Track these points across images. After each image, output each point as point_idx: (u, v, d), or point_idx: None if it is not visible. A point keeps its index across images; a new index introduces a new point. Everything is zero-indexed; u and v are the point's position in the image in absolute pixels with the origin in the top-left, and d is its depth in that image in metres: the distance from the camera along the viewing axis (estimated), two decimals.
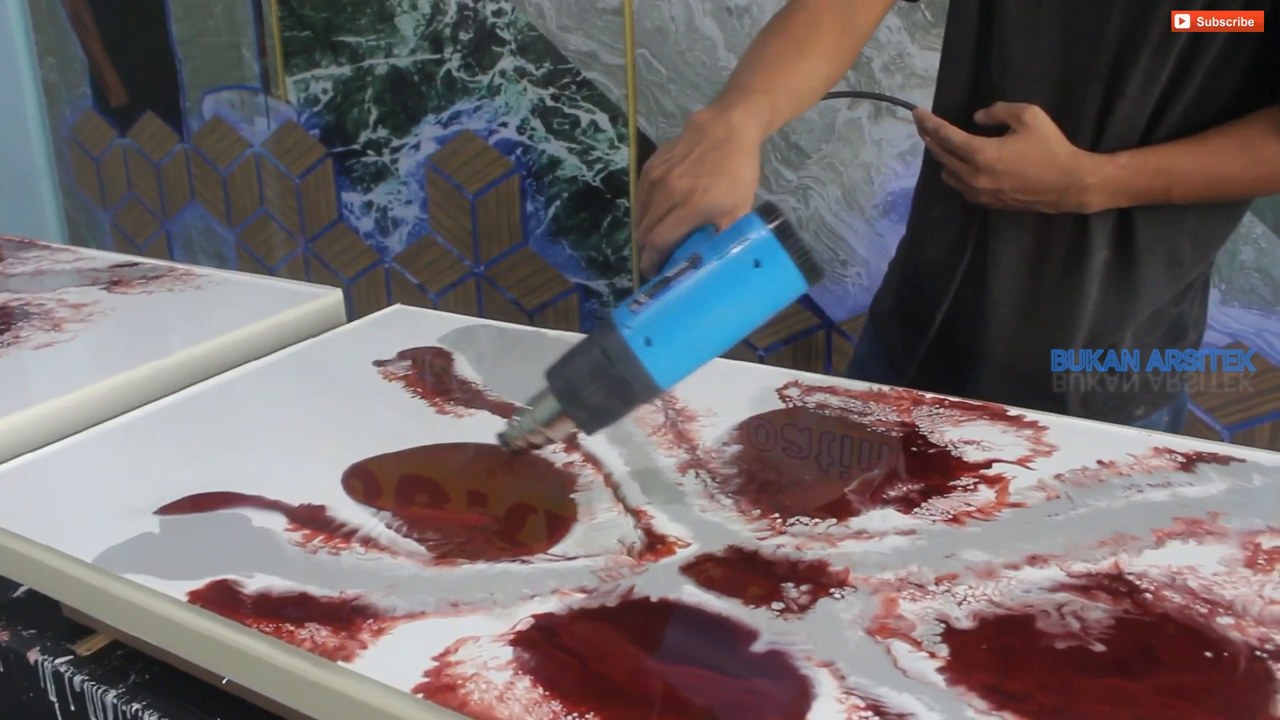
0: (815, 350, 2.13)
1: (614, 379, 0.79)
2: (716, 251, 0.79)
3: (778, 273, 0.78)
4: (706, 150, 0.92)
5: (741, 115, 0.97)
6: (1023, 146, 1.10)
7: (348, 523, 0.81)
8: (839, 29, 1.13)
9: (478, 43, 2.42)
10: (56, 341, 1.23)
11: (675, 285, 0.79)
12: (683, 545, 0.78)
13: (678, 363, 0.80)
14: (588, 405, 0.81)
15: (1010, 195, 1.12)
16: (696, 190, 0.88)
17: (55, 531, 0.81)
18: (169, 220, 3.16)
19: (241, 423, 1.01)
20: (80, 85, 3.23)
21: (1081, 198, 1.10)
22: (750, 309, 0.79)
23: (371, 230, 2.72)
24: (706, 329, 0.79)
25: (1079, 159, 1.09)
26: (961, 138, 1.13)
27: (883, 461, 0.91)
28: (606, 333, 0.79)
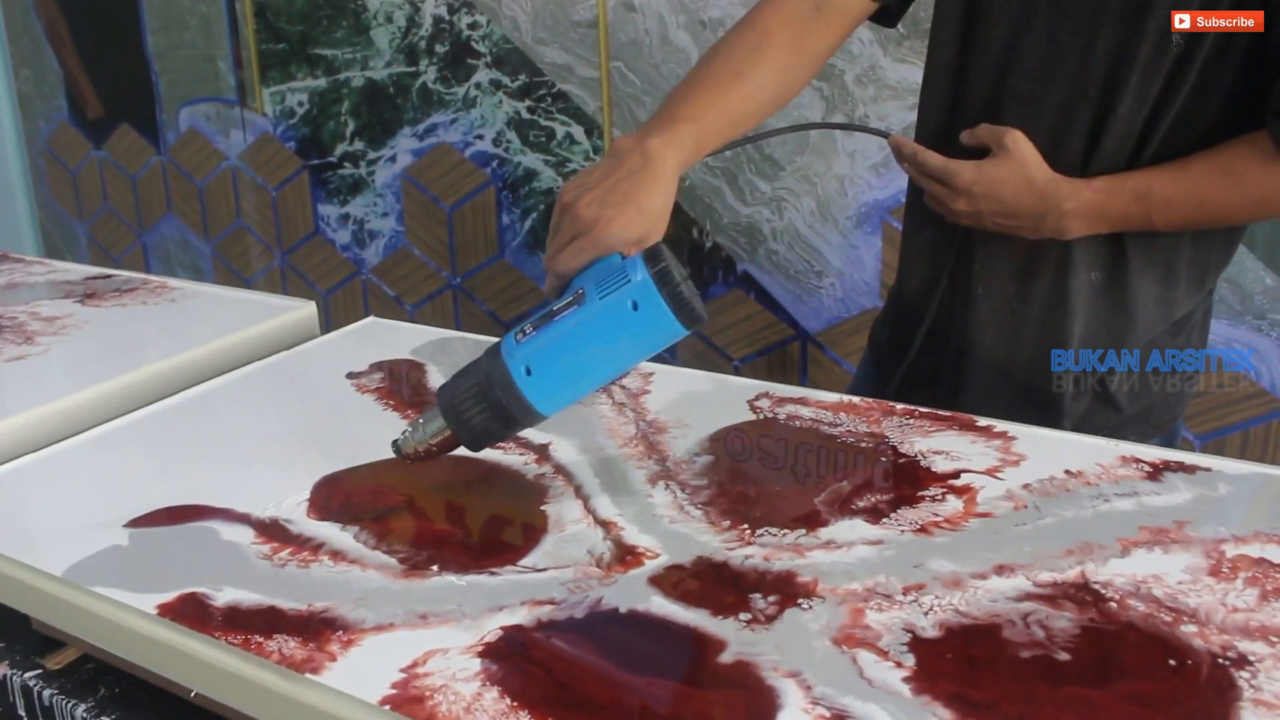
0: (791, 362, 2.14)
1: (495, 404, 0.83)
2: (600, 290, 0.82)
3: (654, 316, 0.80)
4: (619, 179, 0.93)
5: (660, 144, 0.96)
6: (1000, 170, 1.09)
7: (316, 535, 0.81)
8: (787, 50, 1.12)
9: (453, 55, 2.42)
10: (29, 354, 1.22)
11: (559, 320, 0.83)
12: (652, 556, 0.78)
13: (556, 393, 0.83)
14: (471, 426, 0.84)
15: (989, 219, 1.11)
16: (600, 220, 0.88)
17: (25, 544, 0.81)
18: (145, 232, 3.15)
19: (214, 435, 1.01)
20: (56, 97, 3.22)
21: (1060, 223, 1.09)
22: (628, 348, 0.82)
23: (348, 242, 2.71)
24: (584, 364, 0.83)
25: (1056, 184, 1.08)
26: (939, 162, 1.12)
27: (852, 472, 0.92)
28: (493, 359, 0.84)
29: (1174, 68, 1.05)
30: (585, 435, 0.98)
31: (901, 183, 1.96)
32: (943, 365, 1.24)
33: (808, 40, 1.14)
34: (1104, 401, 1.18)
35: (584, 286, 0.84)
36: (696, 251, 2.19)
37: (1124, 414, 1.18)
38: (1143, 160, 1.09)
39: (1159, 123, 1.07)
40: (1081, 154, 1.10)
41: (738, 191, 2.11)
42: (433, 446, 0.87)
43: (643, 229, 0.90)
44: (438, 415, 0.86)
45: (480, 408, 0.83)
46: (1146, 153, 1.08)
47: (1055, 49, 1.09)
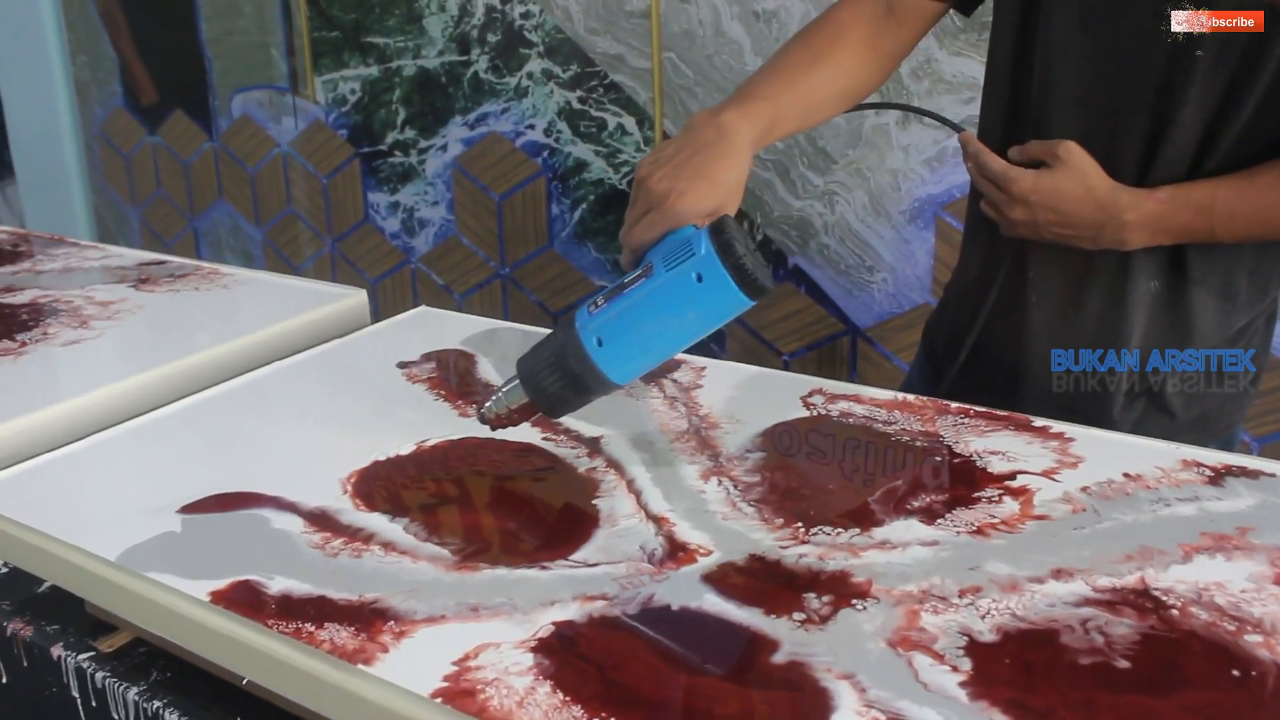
0: (840, 357, 2.12)
1: (570, 373, 0.86)
2: (667, 263, 0.84)
3: (718, 288, 0.82)
4: (693, 153, 0.94)
5: (735, 118, 0.98)
6: (1059, 180, 1.07)
7: (366, 526, 0.81)
8: (863, 44, 1.12)
9: (505, 45, 2.42)
10: (84, 339, 1.23)
11: (628, 293, 0.86)
12: (704, 553, 0.77)
13: (627, 363, 0.87)
14: (548, 394, 0.88)
15: (1046, 229, 1.09)
16: (672, 194, 0.90)
17: (79, 529, 0.81)
18: (197, 218, 3.18)
19: (265, 423, 1.02)
20: (111, 83, 3.25)
21: (1120, 234, 1.07)
22: (695, 319, 0.85)
23: (398, 231, 2.72)
24: (653, 335, 0.86)
25: (1117, 194, 1.06)
26: (999, 166, 1.10)
27: (907, 471, 0.91)
28: (567, 331, 0.87)
29: (1237, 78, 1.02)
30: (637, 429, 0.98)
31: (955, 178, 1.94)
32: (996, 373, 1.22)
33: (881, 39, 1.14)
34: (1158, 408, 1.16)
35: (653, 259, 0.86)
36: None
37: (1178, 420, 1.16)
38: (1206, 170, 1.06)
39: (1223, 133, 1.04)
40: (1139, 162, 1.07)
41: (789, 184, 2.09)
42: (514, 414, 0.91)
43: (715, 202, 0.91)
44: (518, 385, 0.89)
45: (556, 377, 0.87)
46: (1210, 162, 1.06)
47: (1111, 52, 1.06)
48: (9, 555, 0.85)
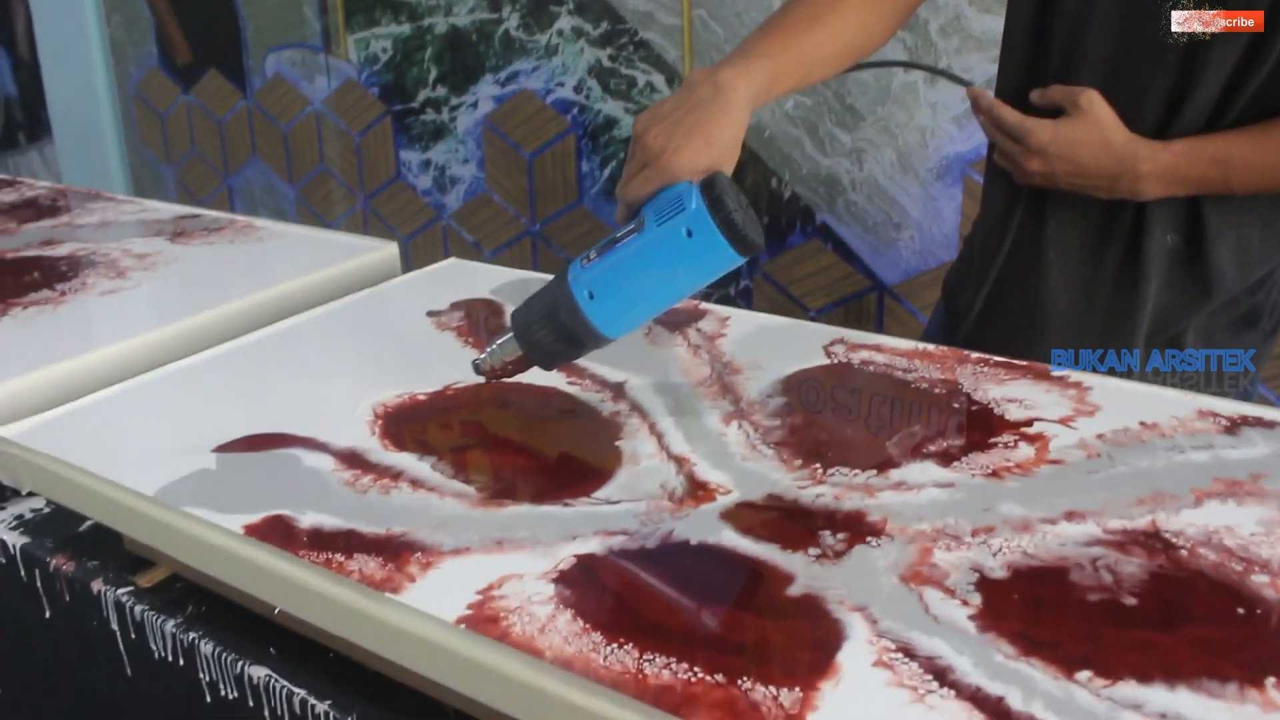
0: (867, 313, 2.13)
1: (561, 326, 0.86)
2: (658, 218, 0.85)
3: (708, 243, 0.83)
4: (689, 110, 0.93)
5: (733, 76, 0.97)
6: (1077, 131, 1.08)
7: (395, 464, 0.83)
8: (867, 2, 1.12)
9: (536, 3, 2.42)
10: (121, 289, 1.26)
11: (619, 247, 0.86)
12: (724, 492, 0.79)
13: (618, 316, 0.87)
14: (540, 346, 0.88)
15: (1063, 179, 1.10)
16: (667, 150, 0.89)
17: (118, 467, 0.83)
18: (231, 176, 3.20)
19: (296, 368, 1.04)
20: (146, 43, 3.27)
21: (1135, 185, 1.08)
22: (685, 274, 0.85)
23: (429, 188, 2.74)
24: (644, 289, 0.86)
25: (1135, 146, 1.07)
26: (1015, 119, 1.11)
27: (924, 417, 0.92)
28: (560, 283, 0.87)
29: (1258, 37, 1.02)
30: (660, 375, 1.00)
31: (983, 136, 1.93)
32: (1014, 328, 1.23)
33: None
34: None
35: (645, 215, 0.86)
36: (775, 201, 2.18)
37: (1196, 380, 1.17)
38: (1223, 124, 1.07)
39: (1241, 89, 1.05)
40: (1159, 120, 1.08)
41: (817, 142, 2.09)
42: (509, 366, 0.91)
43: (710, 159, 0.91)
44: (511, 337, 0.90)
45: (549, 330, 0.87)
46: (1227, 118, 1.07)
47: (1134, 12, 1.07)
48: (52, 493, 0.88)
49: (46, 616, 0.92)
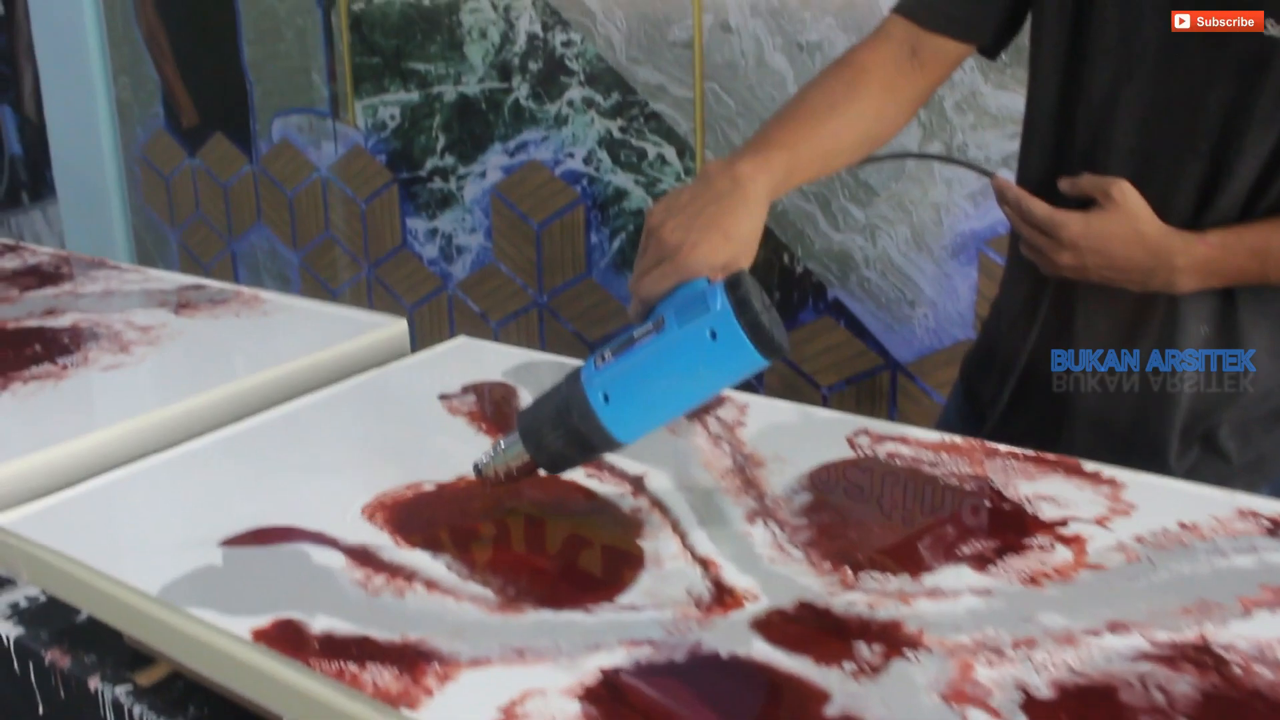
0: (879, 392, 2.10)
1: (573, 430, 0.82)
2: (679, 318, 0.81)
3: (733, 345, 0.79)
4: (706, 203, 0.91)
5: (751, 169, 0.95)
6: (1109, 224, 1.05)
7: (408, 564, 0.80)
8: (883, 89, 1.11)
9: (546, 73, 2.42)
10: (124, 364, 1.23)
11: (638, 347, 0.82)
12: (752, 599, 0.76)
13: (634, 421, 0.83)
14: (549, 451, 0.84)
15: (1095, 272, 1.07)
16: (685, 245, 0.87)
17: (120, 560, 0.80)
18: (235, 241, 3.19)
19: (304, 454, 1.01)
20: (153, 105, 3.28)
21: (1170, 278, 1.05)
22: (707, 377, 0.81)
23: (435, 257, 2.72)
24: (663, 392, 0.82)
25: (1169, 238, 1.04)
26: (1044, 212, 1.07)
27: (956, 516, 0.89)
28: (572, 385, 0.83)
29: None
30: (681, 467, 0.97)
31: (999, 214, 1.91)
32: (1041, 421, 1.20)
33: (902, 83, 1.13)
34: (1212, 452, 1.13)
35: (664, 313, 0.83)
36: (787, 277, 2.17)
37: (1233, 464, 1.13)
38: (1258, 212, 1.04)
39: (1277, 175, 1.02)
40: (1192, 210, 1.05)
41: (830, 217, 2.08)
42: (513, 469, 0.87)
43: (729, 255, 0.89)
44: (518, 439, 0.86)
45: (559, 434, 0.83)
46: (1263, 205, 1.04)
47: (1163, 100, 1.04)
48: (48, 585, 0.85)
49: (40, 713, 0.88)
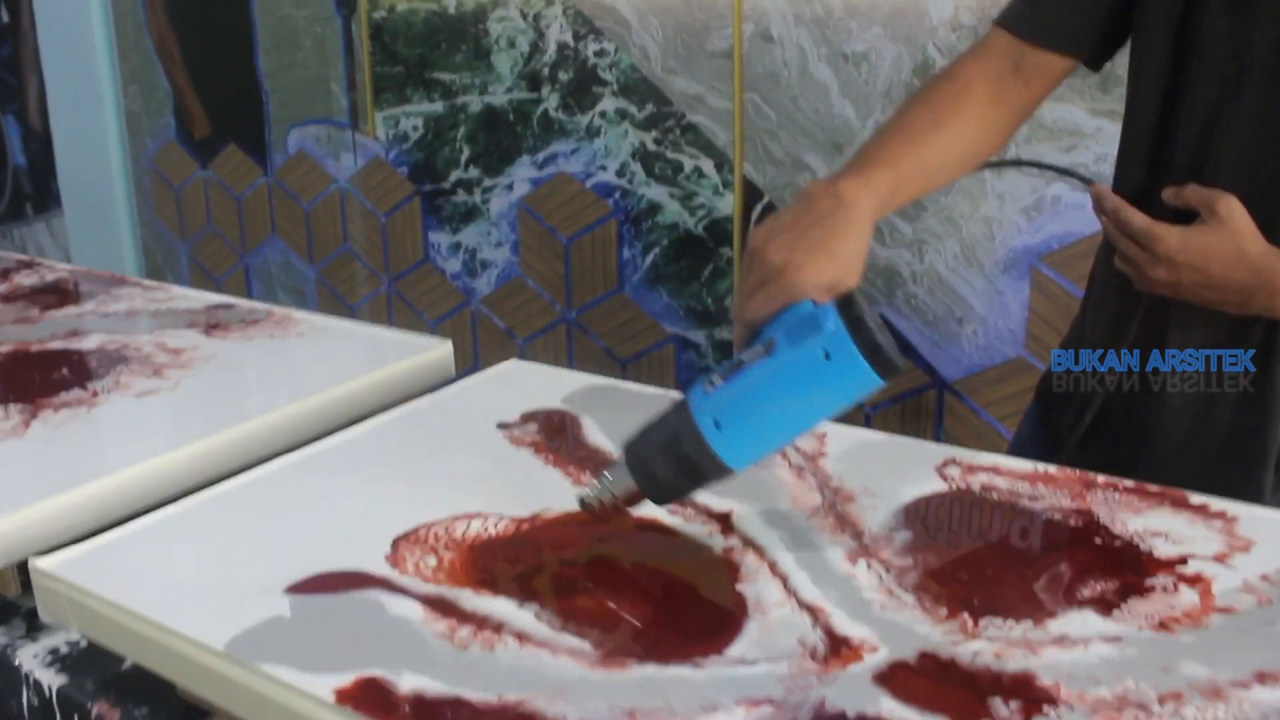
0: (925, 411, 2.05)
1: (683, 459, 0.80)
2: (790, 340, 0.80)
3: (848, 367, 0.77)
4: (810, 224, 0.89)
5: (854, 188, 0.93)
6: (1210, 239, 0.99)
7: (493, 614, 0.74)
8: (988, 102, 1.08)
9: (577, 83, 2.37)
10: (160, 389, 1.18)
11: (747, 371, 0.80)
12: (870, 650, 0.70)
13: (746, 446, 0.80)
14: (658, 480, 0.82)
15: (1190, 290, 1.01)
16: (790, 266, 0.85)
17: (180, 610, 0.75)
18: (248, 254, 3.14)
19: (366, 489, 0.95)
20: (163, 115, 3.22)
21: (1272, 301, 0.99)
22: (820, 400, 0.79)
23: (459, 271, 2.67)
24: (775, 416, 0.80)
25: (1272, 259, 0.98)
26: (1143, 223, 1.02)
27: (1068, 554, 0.83)
28: (680, 412, 0.81)
29: None
30: (767, 503, 0.91)
31: (1054, 228, 1.87)
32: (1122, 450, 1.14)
33: (1006, 98, 1.09)
34: None
35: (774, 335, 0.81)
36: None
37: None
38: None
39: None
40: None
41: (876, 233, 2.02)
42: (619, 501, 0.84)
43: (834, 275, 0.85)
44: (625, 470, 0.82)
45: (668, 462, 0.80)
46: None
47: (1271, 115, 0.99)
48: (100, 636, 0.79)
49: None
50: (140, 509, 0.92)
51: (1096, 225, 1.84)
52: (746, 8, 2.11)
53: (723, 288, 2.27)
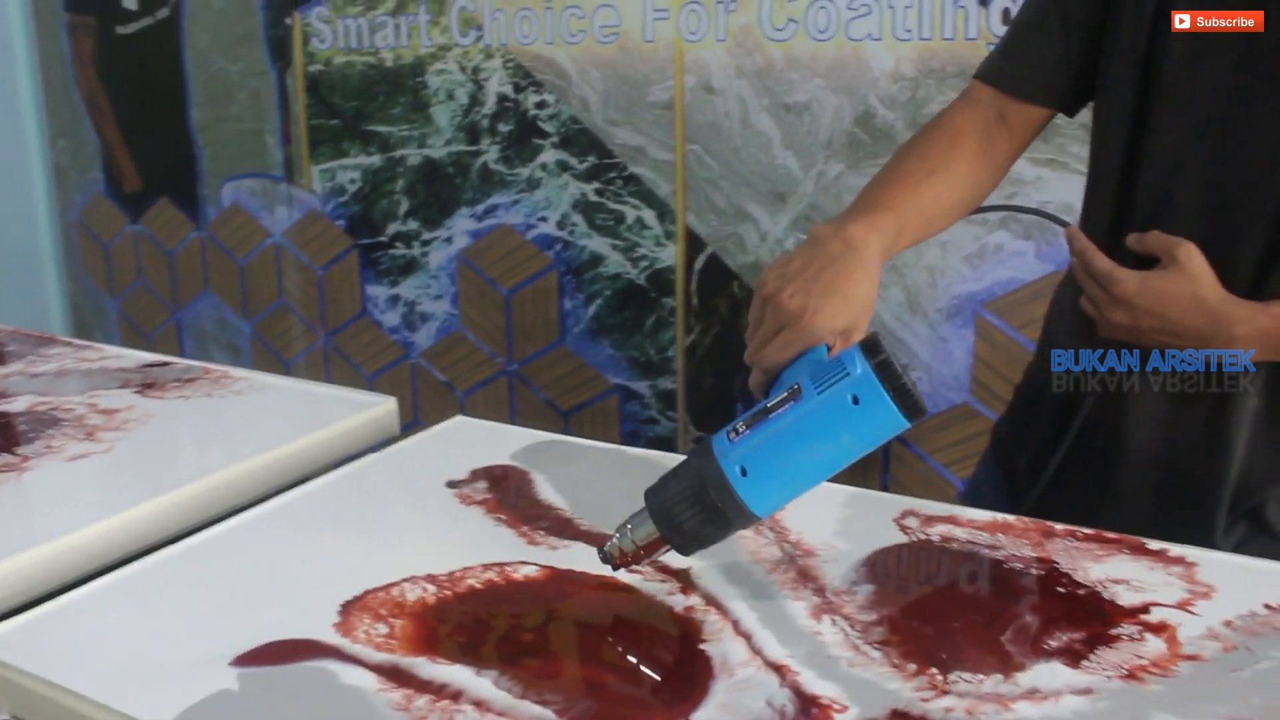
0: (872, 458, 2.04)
1: (709, 506, 0.80)
2: (816, 384, 0.80)
3: (877, 410, 0.77)
4: (822, 267, 0.90)
5: (862, 231, 0.94)
6: (1168, 285, 1.00)
7: (451, 681, 0.72)
8: (977, 153, 1.10)
9: (518, 135, 2.36)
10: (93, 452, 1.14)
11: (774, 418, 0.80)
12: (840, 709, 0.69)
13: (773, 494, 0.81)
14: (683, 530, 0.81)
15: (1148, 335, 1.02)
16: (807, 311, 0.86)
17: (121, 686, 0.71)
18: (181, 310, 3.08)
19: (312, 553, 0.92)
20: (92, 169, 3.17)
21: (1227, 348, 1.00)
22: (848, 445, 0.79)
23: (398, 325, 2.64)
24: (803, 463, 0.80)
25: (1229, 306, 0.99)
26: (1104, 265, 1.03)
27: (1033, 605, 0.83)
28: (705, 460, 0.81)
29: None
30: (726, 559, 0.89)
31: (997, 275, 1.88)
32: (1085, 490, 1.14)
33: (994, 147, 1.12)
34: (1259, 528, 1.08)
35: (798, 381, 0.81)
36: None
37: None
38: None
39: None
40: (1253, 277, 1.01)
41: None
42: (641, 551, 0.84)
43: (849, 318, 0.88)
44: (647, 519, 0.83)
45: (694, 511, 0.80)
46: None
47: (1233, 164, 1.00)
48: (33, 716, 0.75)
49: None
50: (75, 580, 0.88)
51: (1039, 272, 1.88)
52: (687, 60, 2.12)
53: (666, 338, 2.26)
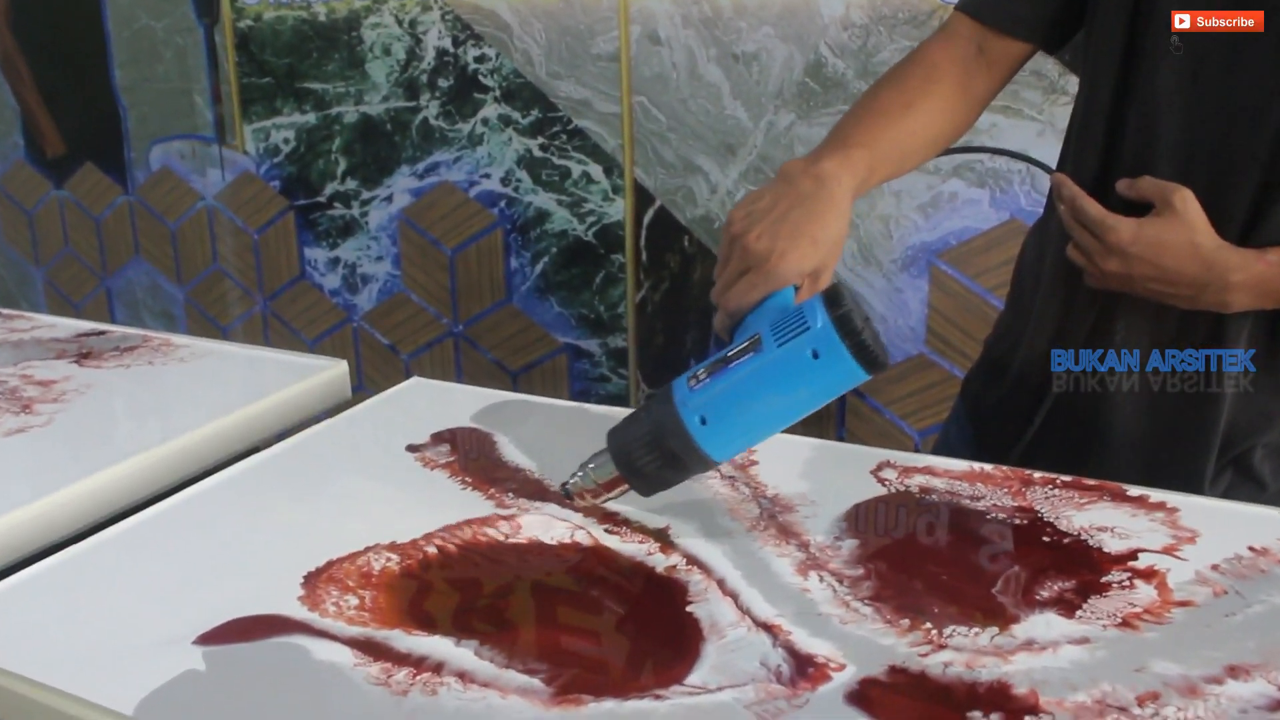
0: (827, 411, 2.02)
1: (668, 453, 0.81)
2: (777, 336, 0.79)
3: (835, 365, 0.77)
4: (790, 206, 0.88)
5: (834, 167, 0.92)
6: (1163, 232, 0.98)
7: (431, 653, 0.68)
8: (955, 87, 1.08)
9: (458, 90, 2.30)
10: (30, 426, 1.09)
11: (734, 368, 0.80)
12: (836, 667, 0.67)
13: (732, 442, 0.82)
14: (643, 473, 0.82)
15: (1141, 283, 1.00)
16: (774, 254, 0.84)
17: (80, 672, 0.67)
18: (110, 277, 2.99)
19: (270, 524, 0.88)
20: (11, 135, 3.06)
21: (1223, 296, 0.98)
22: (807, 397, 0.79)
23: (338, 287, 2.57)
24: (762, 413, 0.80)
25: (1225, 253, 0.97)
26: (1096, 212, 1.00)
27: (1020, 555, 0.81)
28: (665, 406, 0.81)
29: None
30: (705, 517, 0.87)
31: (951, 224, 1.87)
32: (1067, 442, 1.12)
33: (973, 82, 1.09)
34: (1246, 477, 1.08)
35: (760, 331, 0.81)
36: None
37: (1268, 489, 1.08)
38: None
39: None
40: (1245, 220, 0.99)
41: None
42: (601, 488, 0.85)
43: (817, 260, 0.86)
44: (609, 459, 0.83)
45: (653, 455, 0.81)
46: None
47: (1225, 106, 0.98)
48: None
49: None
50: (19, 560, 0.84)
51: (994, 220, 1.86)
52: (633, 10, 2.07)
53: (615, 295, 2.22)
